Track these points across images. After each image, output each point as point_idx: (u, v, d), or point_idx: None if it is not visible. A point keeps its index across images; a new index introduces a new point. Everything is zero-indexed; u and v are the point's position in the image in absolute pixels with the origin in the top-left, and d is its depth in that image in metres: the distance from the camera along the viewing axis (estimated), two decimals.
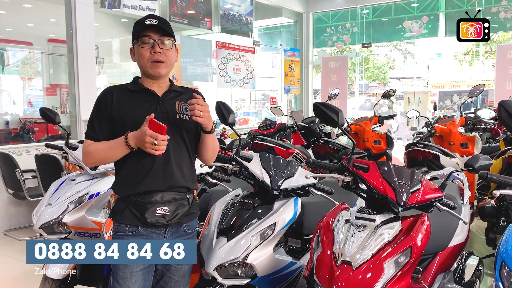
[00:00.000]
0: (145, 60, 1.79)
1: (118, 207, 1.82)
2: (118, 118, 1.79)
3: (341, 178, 2.04)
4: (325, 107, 2.05)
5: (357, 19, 10.24)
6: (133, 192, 1.78)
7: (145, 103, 1.81)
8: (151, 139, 1.64)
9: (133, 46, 1.85)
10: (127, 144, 1.70)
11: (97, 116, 1.81)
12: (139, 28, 1.80)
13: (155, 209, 1.78)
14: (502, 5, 8.64)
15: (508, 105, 2.17)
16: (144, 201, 1.77)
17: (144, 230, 1.79)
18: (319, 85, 10.72)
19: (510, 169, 3.76)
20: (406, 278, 1.72)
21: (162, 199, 1.79)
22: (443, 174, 2.79)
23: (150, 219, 1.77)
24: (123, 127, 1.76)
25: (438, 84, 19.94)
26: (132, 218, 1.78)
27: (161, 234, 1.81)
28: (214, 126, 1.84)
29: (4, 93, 9.47)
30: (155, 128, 1.65)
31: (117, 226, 1.81)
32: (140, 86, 1.84)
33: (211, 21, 7.99)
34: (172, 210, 1.81)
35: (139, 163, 1.78)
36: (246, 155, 2.57)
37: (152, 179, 1.78)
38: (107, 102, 1.80)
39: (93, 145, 1.78)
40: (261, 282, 2.11)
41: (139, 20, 1.84)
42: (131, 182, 1.79)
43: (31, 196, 4.65)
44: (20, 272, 3.80)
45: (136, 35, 1.81)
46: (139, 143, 1.68)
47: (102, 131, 1.80)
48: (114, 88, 1.86)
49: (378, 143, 5.37)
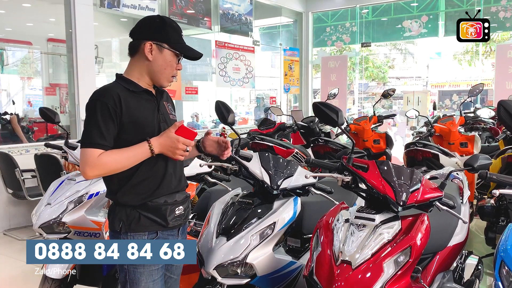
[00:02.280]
0: (168, 71, 1.75)
1: (130, 216, 1.70)
2: (128, 122, 1.66)
3: (340, 178, 2.04)
4: (325, 107, 2.05)
5: (356, 18, 10.24)
6: (149, 199, 1.71)
7: (148, 104, 1.76)
8: (184, 146, 1.64)
9: (159, 45, 1.72)
10: (151, 151, 1.65)
11: (104, 120, 1.61)
12: (178, 39, 1.76)
13: (175, 210, 1.77)
14: (501, 4, 8.64)
15: (507, 104, 2.16)
16: (166, 204, 1.74)
17: (162, 234, 1.75)
18: (318, 85, 10.72)
19: (510, 168, 3.77)
20: (406, 277, 1.72)
21: (178, 200, 1.80)
22: (442, 173, 2.80)
23: (172, 221, 1.75)
24: (133, 131, 1.67)
25: (438, 83, 19.97)
26: (150, 224, 1.72)
27: (175, 235, 1.81)
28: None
29: (4, 93, 9.47)
30: (185, 134, 1.64)
31: (132, 235, 1.71)
32: (139, 87, 1.75)
33: (210, 21, 7.98)
34: (185, 209, 1.84)
35: (153, 168, 1.72)
36: (246, 154, 2.57)
37: (168, 183, 1.76)
38: (115, 103, 1.63)
39: (106, 156, 1.60)
40: (261, 282, 2.11)
41: (176, 25, 1.77)
42: (146, 188, 1.71)
43: (30, 196, 4.65)
44: (19, 272, 3.80)
45: (175, 45, 1.74)
46: (167, 149, 1.66)
47: (111, 138, 1.63)
48: (116, 88, 1.69)
49: (378, 142, 5.38)
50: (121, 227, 1.72)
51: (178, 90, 7.12)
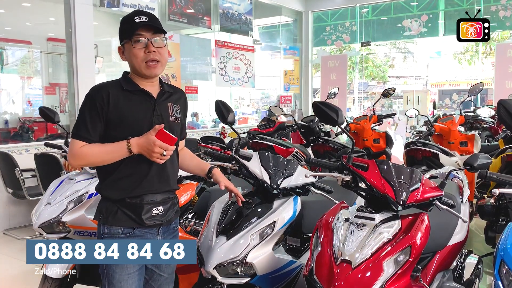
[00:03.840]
0: (139, 60, 1.72)
1: (108, 210, 1.76)
2: (114, 119, 1.70)
3: (340, 177, 2.04)
4: (325, 106, 2.05)
5: (356, 17, 10.24)
6: (128, 195, 1.74)
7: (141, 105, 1.75)
8: (161, 150, 1.62)
9: (122, 45, 1.77)
10: (129, 150, 1.66)
11: (90, 116, 1.69)
12: (129, 27, 1.72)
13: (152, 210, 1.77)
14: (501, 3, 8.63)
15: (507, 103, 2.16)
16: (142, 202, 1.75)
17: (138, 231, 1.77)
18: (318, 84, 10.72)
19: (510, 167, 3.77)
20: (406, 276, 1.72)
21: (158, 200, 1.79)
22: (442, 172, 2.80)
23: (147, 220, 1.76)
24: (119, 129, 1.70)
25: (438, 82, 19.97)
26: (126, 220, 1.75)
27: (154, 233, 1.81)
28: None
29: (3, 92, 9.46)
30: (164, 138, 1.62)
31: (109, 228, 1.76)
32: (136, 86, 1.77)
33: (210, 20, 7.97)
34: (166, 210, 1.82)
35: (136, 167, 1.73)
36: (246, 154, 2.57)
37: (149, 183, 1.76)
38: (103, 100, 1.69)
39: (87, 148, 1.68)
40: (261, 281, 2.11)
41: (126, 17, 1.76)
42: (126, 185, 1.74)
43: (30, 195, 4.65)
44: (19, 272, 3.80)
45: (126, 34, 1.73)
46: (144, 151, 1.66)
47: (96, 132, 1.70)
48: (108, 86, 1.74)
49: (378, 141, 5.38)
50: (101, 218, 1.78)
51: None
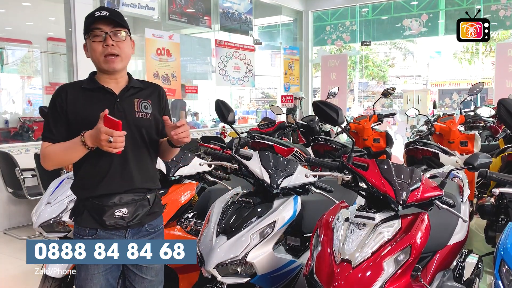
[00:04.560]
0: (97, 54, 1.71)
1: (77, 209, 1.77)
2: (73, 118, 1.71)
3: (340, 177, 2.04)
4: (325, 106, 2.05)
5: (356, 17, 10.23)
6: (90, 195, 1.72)
7: (101, 102, 1.72)
8: (106, 136, 1.55)
9: (85, 41, 1.76)
10: (84, 144, 1.62)
11: (52, 117, 1.73)
12: (89, 22, 1.71)
13: (114, 212, 1.72)
14: (501, 3, 8.63)
15: (507, 103, 2.16)
16: (102, 204, 1.72)
17: (103, 232, 1.74)
18: (318, 84, 10.72)
19: (510, 167, 3.76)
20: (406, 276, 1.72)
21: (121, 201, 1.74)
22: (442, 172, 2.80)
23: (109, 222, 1.72)
24: (79, 128, 1.67)
25: (438, 82, 19.97)
26: (91, 221, 1.73)
27: (121, 235, 1.76)
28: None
29: (4, 92, 9.47)
30: (110, 124, 1.56)
31: (77, 228, 1.76)
32: (96, 84, 1.76)
33: (210, 20, 7.97)
34: (132, 212, 1.75)
35: (97, 165, 1.71)
36: (246, 153, 2.57)
37: (110, 182, 1.72)
38: (62, 101, 1.71)
39: (51, 147, 1.70)
40: (261, 281, 2.11)
41: (89, 13, 1.76)
42: (88, 184, 1.73)
43: (30, 195, 4.65)
44: (20, 271, 3.80)
45: (86, 29, 1.72)
46: (96, 141, 1.59)
47: (59, 132, 1.72)
48: (68, 86, 1.77)
49: (378, 141, 5.37)
50: (73, 218, 1.79)
51: (178, 89, 7.11)
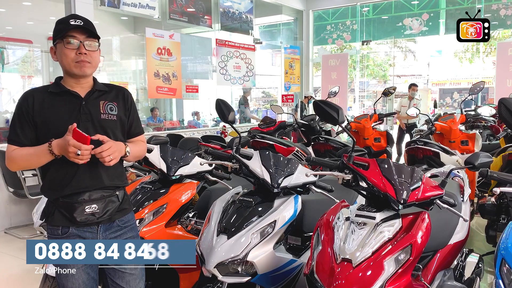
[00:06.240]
0: (69, 60, 1.76)
1: (48, 210, 1.82)
2: (40, 122, 1.76)
3: (341, 176, 2.04)
4: (325, 105, 2.04)
5: (357, 16, 10.23)
6: (60, 195, 1.77)
7: (67, 105, 1.78)
8: (74, 149, 1.62)
9: (54, 46, 1.81)
10: (51, 152, 1.69)
11: (19, 121, 1.77)
12: (63, 28, 1.76)
13: (84, 208, 1.76)
14: (502, 2, 8.63)
15: (508, 102, 2.16)
16: (72, 201, 1.76)
17: (76, 230, 1.78)
18: (319, 83, 10.71)
19: (510, 166, 3.76)
20: (406, 275, 1.72)
21: (90, 198, 1.78)
22: (443, 171, 2.80)
23: (80, 218, 1.76)
24: (46, 131, 1.74)
25: (438, 81, 19.94)
26: (62, 219, 1.77)
27: (93, 232, 1.81)
28: (126, 150, 1.82)
29: (4, 92, 9.47)
30: (78, 137, 1.62)
31: (50, 229, 1.80)
32: (61, 88, 1.80)
33: (211, 19, 7.97)
34: (102, 208, 1.80)
35: (64, 167, 1.75)
36: (246, 153, 2.57)
37: (79, 181, 1.77)
38: (28, 106, 1.76)
39: (17, 151, 1.75)
40: (262, 280, 2.11)
41: (62, 19, 1.80)
42: (57, 185, 1.77)
43: (31, 194, 4.65)
44: (20, 270, 3.80)
45: (59, 35, 1.76)
46: (63, 151, 1.67)
47: (26, 136, 1.77)
48: (34, 91, 1.82)
49: (378, 140, 5.37)
50: (45, 219, 1.84)
51: (179, 89, 7.11)
